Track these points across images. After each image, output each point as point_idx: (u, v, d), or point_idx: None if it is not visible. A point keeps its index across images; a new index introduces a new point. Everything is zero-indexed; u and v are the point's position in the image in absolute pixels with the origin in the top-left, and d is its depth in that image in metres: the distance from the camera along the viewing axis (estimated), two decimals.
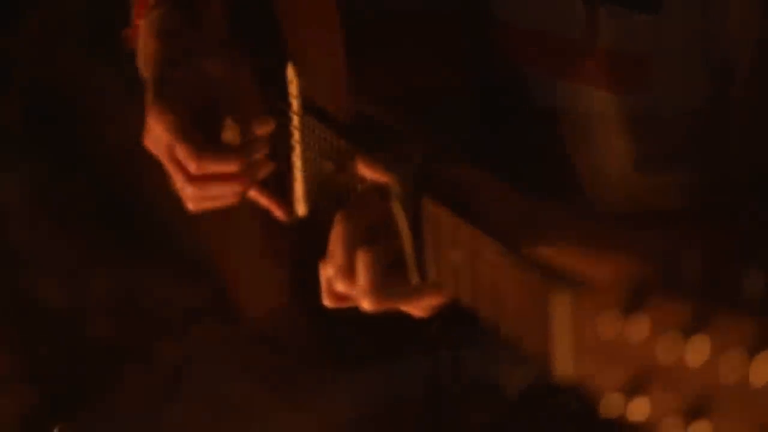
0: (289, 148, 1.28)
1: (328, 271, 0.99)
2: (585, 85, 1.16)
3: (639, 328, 0.66)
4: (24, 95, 2.09)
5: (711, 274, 0.66)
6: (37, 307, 1.97)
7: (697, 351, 0.62)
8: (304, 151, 1.25)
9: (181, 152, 1.19)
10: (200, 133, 1.21)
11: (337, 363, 1.35)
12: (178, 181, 1.23)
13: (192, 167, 1.20)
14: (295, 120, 1.25)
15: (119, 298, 1.98)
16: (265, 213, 1.34)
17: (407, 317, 0.99)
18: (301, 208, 1.30)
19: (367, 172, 0.97)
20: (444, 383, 1.34)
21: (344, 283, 0.97)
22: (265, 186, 1.32)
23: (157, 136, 1.21)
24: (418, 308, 0.97)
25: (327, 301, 1.01)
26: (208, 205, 1.26)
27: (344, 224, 0.97)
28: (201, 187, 1.22)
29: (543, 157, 1.22)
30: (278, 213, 1.33)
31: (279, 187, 1.33)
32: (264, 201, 1.33)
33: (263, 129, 1.22)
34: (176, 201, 1.28)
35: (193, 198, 1.24)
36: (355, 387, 1.34)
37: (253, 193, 1.32)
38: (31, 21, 2.10)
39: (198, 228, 1.84)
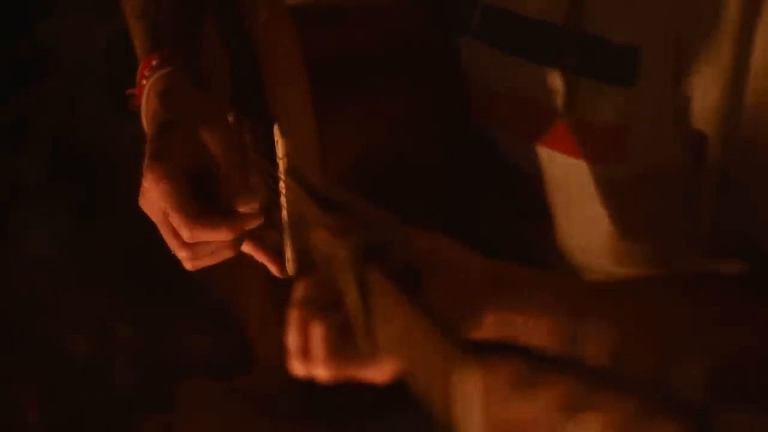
0: (279, 209, 1.30)
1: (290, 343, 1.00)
2: (562, 153, 1.16)
3: (532, 405, 0.67)
4: (46, 150, 2.14)
5: (608, 354, 0.67)
6: (64, 357, 2.00)
7: (581, 429, 0.63)
8: (289, 213, 1.26)
9: (175, 220, 1.21)
10: (195, 198, 1.22)
11: (331, 420, 1.36)
12: (171, 245, 1.26)
13: (185, 235, 1.22)
14: (282, 182, 1.26)
15: (144, 346, 2.00)
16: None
17: None
18: (290, 267, 1.32)
19: (321, 238, 0.98)
20: None
21: (301, 364, 0.98)
22: (261, 243, 1.33)
23: (152, 200, 1.22)
24: (374, 374, 0.98)
25: (293, 369, 1.02)
26: (204, 263, 1.28)
27: (296, 311, 0.97)
28: (193, 249, 1.24)
29: (521, 220, 1.23)
30: (273, 270, 1.35)
31: (274, 243, 1.34)
32: (260, 257, 1.35)
33: (247, 205, 1.24)
34: None
35: (187, 260, 1.26)
36: None
37: (250, 250, 1.34)
38: (52, 79, 2.15)
39: (220, 279, 1.86)
